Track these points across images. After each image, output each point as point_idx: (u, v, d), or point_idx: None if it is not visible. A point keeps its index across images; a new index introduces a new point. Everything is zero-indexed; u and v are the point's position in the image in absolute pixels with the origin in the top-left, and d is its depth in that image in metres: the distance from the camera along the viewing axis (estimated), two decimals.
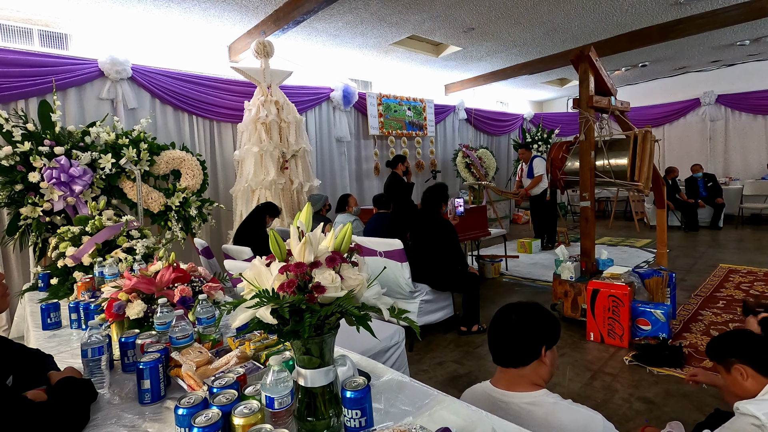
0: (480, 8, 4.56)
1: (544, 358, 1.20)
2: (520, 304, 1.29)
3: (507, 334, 1.23)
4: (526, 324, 1.22)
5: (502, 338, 1.24)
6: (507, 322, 1.24)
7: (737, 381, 1.40)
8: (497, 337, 1.25)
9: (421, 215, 3.58)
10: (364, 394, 0.92)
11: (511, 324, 1.23)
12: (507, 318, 1.25)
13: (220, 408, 0.91)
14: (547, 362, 1.20)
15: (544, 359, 1.20)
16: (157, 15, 4.16)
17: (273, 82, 4.80)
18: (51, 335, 1.81)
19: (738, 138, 8.37)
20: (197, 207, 4.21)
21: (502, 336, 1.24)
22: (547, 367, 1.21)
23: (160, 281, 1.59)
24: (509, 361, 1.22)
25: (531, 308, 1.26)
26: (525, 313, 1.24)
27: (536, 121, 10.05)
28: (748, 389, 1.37)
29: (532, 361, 1.19)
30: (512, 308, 1.28)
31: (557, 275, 3.55)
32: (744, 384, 1.38)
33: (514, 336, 1.22)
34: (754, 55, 7.48)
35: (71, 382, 1.13)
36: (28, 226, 3.43)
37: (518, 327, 1.22)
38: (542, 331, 1.21)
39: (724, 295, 3.92)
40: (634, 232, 7.36)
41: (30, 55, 3.87)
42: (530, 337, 1.20)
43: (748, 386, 1.37)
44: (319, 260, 0.91)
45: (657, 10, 4.90)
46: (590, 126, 3.45)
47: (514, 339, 1.21)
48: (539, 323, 1.22)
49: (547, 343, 1.20)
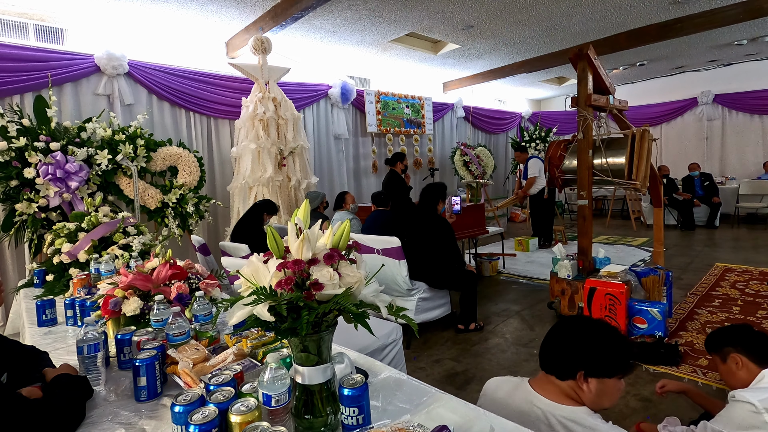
0: (479, 6, 4.55)
1: (582, 383, 1.08)
2: (590, 320, 1.21)
3: (550, 340, 1.18)
4: (569, 338, 1.15)
5: (546, 342, 1.19)
6: (561, 327, 1.19)
7: (731, 370, 1.47)
8: (546, 340, 1.20)
9: (418, 213, 3.58)
10: (362, 392, 0.92)
11: (559, 331, 1.18)
12: (561, 325, 1.20)
13: (217, 405, 0.90)
14: (586, 390, 1.08)
15: (581, 384, 1.09)
16: (154, 10, 4.13)
17: (271, 79, 4.78)
18: (46, 332, 1.80)
19: (735, 137, 8.40)
20: (194, 204, 4.19)
21: (547, 340, 1.19)
22: (589, 395, 1.08)
23: (156, 278, 1.59)
24: (546, 366, 1.16)
25: (590, 325, 1.16)
26: (579, 328, 1.16)
27: (534, 119, 10.05)
28: (741, 379, 1.43)
29: (566, 378, 1.11)
30: (579, 318, 1.22)
31: (554, 273, 3.56)
32: (738, 373, 1.44)
33: (554, 344, 1.17)
34: (752, 55, 7.50)
35: (67, 379, 1.12)
36: (23, 222, 3.41)
37: (561, 337, 1.16)
38: (584, 354, 1.10)
39: (719, 294, 3.94)
40: (631, 230, 7.39)
41: (25, 50, 3.84)
42: (567, 354, 1.12)
43: (741, 375, 1.43)
44: (317, 257, 0.91)
45: (656, 9, 4.90)
46: (588, 124, 3.46)
47: (553, 347, 1.17)
48: (586, 345, 1.11)
49: (588, 370, 1.08)
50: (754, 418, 1.23)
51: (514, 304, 4.02)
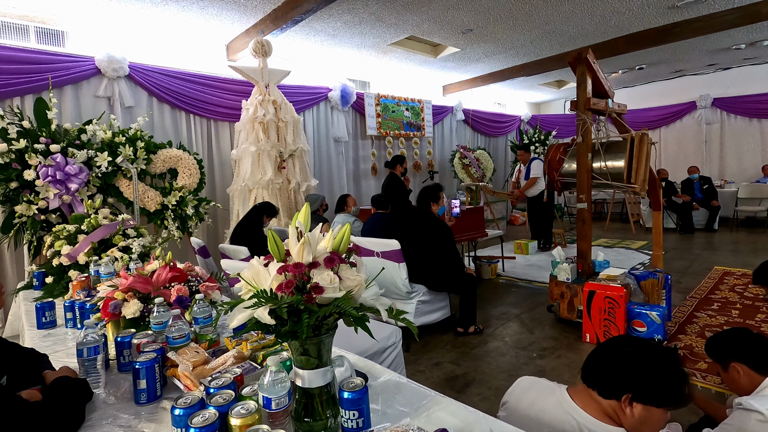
0: (478, 10, 4.57)
1: (626, 407, 1.03)
2: (650, 343, 1.14)
3: (601, 353, 1.14)
4: (623, 357, 1.08)
5: (595, 354, 1.15)
6: (612, 344, 1.15)
7: (734, 379, 1.47)
8: (594, 352, 1.16)
9: (416, 216, 3.59)
10: (362, 395, 0.92)
11: (613, 346, 1.14)
12: (618, 341, 1.16)
13: (217, 408, 0.90)
14: (629, 414, 1.03)
15: (625, 407, 1.03)
16: (154, 13, 4.14)
17: (271, 82, 4.79)
18: (46, 334, 1.80)
19: (733, 141, 8.43)
20: (194, 206, 4.19)
21: (597, 352, 1.15)
22: (631, 420, 1.03)
23: (156, 280, 1.59)
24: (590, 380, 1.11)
25: (649, 351, 1.09)
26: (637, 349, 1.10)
27: (534, 122, 10.07)
28: (743, 387, 1.43)
29: (609, 397, 1.06)
30: (631, 341, 1.15)
31: (554, 276, 3.57)
32: (740, 381, 1.44)
33: (604, 359, 1.12)
34: (750, 59, 7.53)
35: (66, 382, 1.12)
36: (23, 224, 3.41)
37: (614, 353, 1.11)
38: (635, 378, 1.04)
39: (718, 297, 3.95)
40: (630, 234, 7.39)
41: (26, 52, 3.84)
42: (615, 372, 1.07)
43: (743, 383, 1.43)
44: (318, 261, 0.91)
45: (654, 13, 4.92)
46: (587, 128, 3.47)
47: (602, 361, 1.11)
48: (638, 369, 1.05)
49: (636, 394, 1.02)
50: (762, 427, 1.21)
51: (513, 307, 4.02)
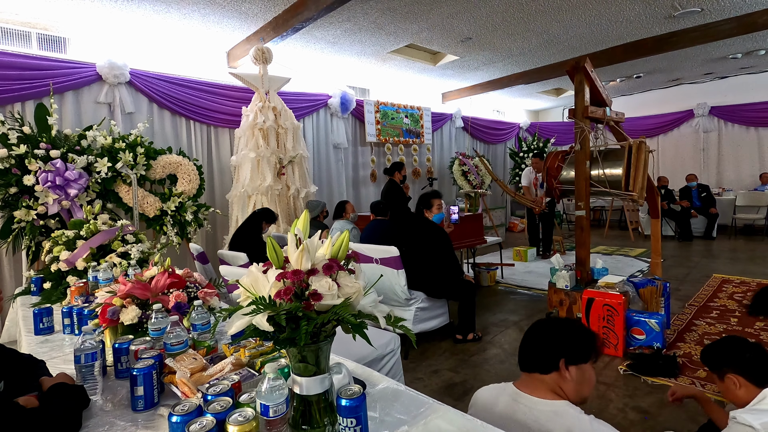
0: (477, 18, 4.62)
1: (565, 372, 1.18)
2: (557, 317, 1.31)
3: (530, 339, 1.29)
4: (548, 332, 1.26)
5: (525, 342, 1.30)
6: (535, 329, 1.30)
7: (730, 389, 1.45)
8: (523, 342, 1.31)
9: (414, 222, 3.59)
10: (360, 403, 0.92)
11: (536, 330, 1.29)
12: (537, 326, 1.31)
13: (215, 415, 0.90)
14: (568, 378, 1.18)
15: (564, 373, 1.18)
16: (156, 20, 4.17)
17: (271, 89, 4.82)
18: (43, 340, 1.79)
19: (731, 149, 8.47)
20: (193, 212, 4.19)
21: (526, 340, 1.30)
22: (571, 383, 1.18)
23: (155, 286, 1.59)
24: (529, 365, 1.24)
25: (562, 321, 1.31)
26: (553, 323, 1.29)
27: (532, 130, 10.12)
28: (740, 398, 1.41)
29: (550, 370, 1.19)
30: (547, 320, 1.33)
31: (552, 284, 3.56)
32: (737, 392, 1.43)
33: (534, 342, 1.27)
34: (746, 69, 7.60)
35: (63, 389, 1.12)
36: (21, 229, 3.40)
37: (541, 334, 1.27)
38: (564, 342, 1.21)
39: (717, 305, 3.95)
40: (628, 241, 7.41)
41: (28, 58, 3.87)
42: (549, 345, 1.23)
43: (740, 395, 1.41)
44: (316, 268, 0.91)
45: (652, 22, 4.97)
46: (585, 136, 3.49)
47: (533, 345, 1.27)
48: (563, 334, 1.23)
49: (568, 357, 1.19)
50: None
51: (512, 315, 4.02)
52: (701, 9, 4.60)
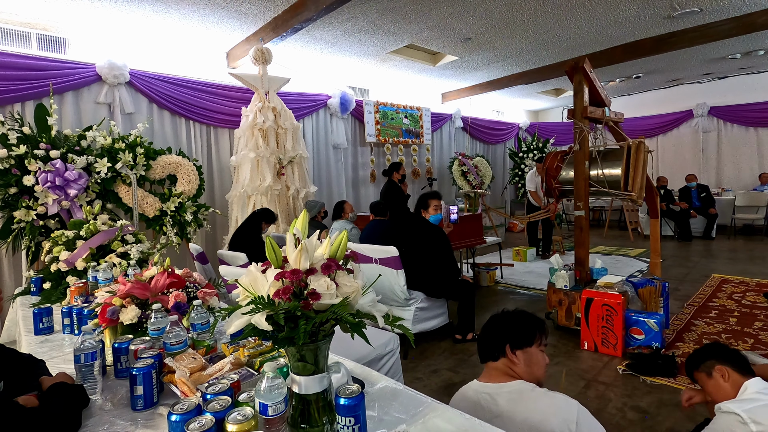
0: (477, 19, 4.62)
1: (512, 356, 1.31)
2: (507, 311, 1.45)
3: (482, 332, 1.44)
4: (492, 323, 1.41)
5: (480, 335, 1.45)
6: (487, 323, 1.44)
7: (719, 383, 1.47)
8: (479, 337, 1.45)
9: (413, 222, 3.60)
10: (358, 402, 0.93)
11: (488, 323, 1.44)
12: (490, 319, 1.45)
13: (214, 414, 0.90)
14: (516, 361, 1.30)
15: (512, 357, 1.31)
16: (155, 20, 4.18)
17: (271, 89, 4.82)
18: (43, 340, 1.79)
19: (730, 149, 8.48)
20: (193, 212, 4.20)
21: (480, 334, 1.45)
22: (520, 365, 1.30)
23: (154, 286, 1.59)
24: (482, 356, 1.39)
25: (509, 313, 1.43)
26: (498, 315, 1.43)
27: (532, 130, 10.13)
28: (727, 391, 1.44)
29: (499, 357, 1.33)
30: (498, 314, 1.45)
31: (552, 284, 3.57)
32: (725, 386, 1.45)
33: (485, 333, 1.42)
34: (746, 69, 7.61)
35: (63, 388, 1.12)
36: (21, 229, 3.41)
37: (487, 325, 1.42)
38: (505, 330, 1.36)
39: (716, 305, 3.95)
40: (628, 241, 7.41)
41: (28, 59, 3.87)
42: (491, 336, 1.38)
43: (728, 388, 1.44)
44: (315, 267, 0.92)
45: (651, 23, 4.98)
46: (584, 136, 3.49)
47: (484, 336, 1.42)
48: (504, 324, 1.38)
49: (512, 342, 1.32)
50: (740, 428, 1.24)
51: None
52: (700, 9, 4.61)
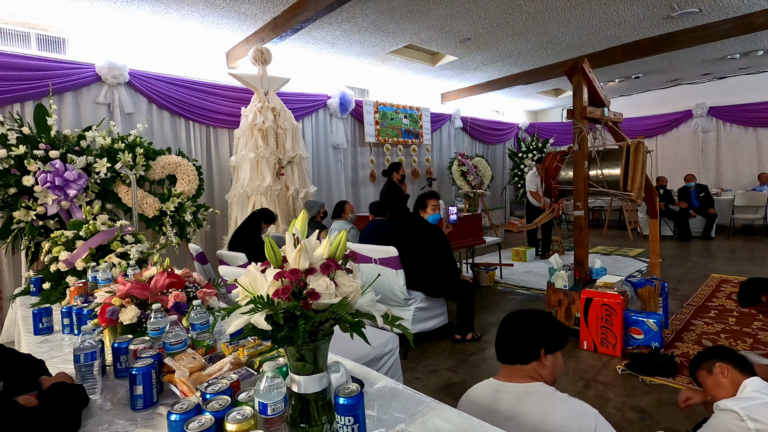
0: (476, 19, 4.63)
1: (544, 360, 1.29)
2: (529, 309, 1.41)
3: (510, 333, 1.36)
4: (528, 326, 1.34)
5: (505, 336, 1.36)
6: (512, 322, 1.38)
7: (718, 380, 1.49)
8: (502, 335, 1.37)
9: (412, 222, 3.60)
10: (357, 401, 0.93)
11: (515, 324, 1.37)
12: (513, 319, 1.39)
13: (213, 414, 0.91)
14: (547, 365, 1.29)
15: (543, 361, 1.28)
16: (155, 21, 4.18)
17: (270, 89, 4.82)
18: (42, 340, 1.80)
19: (729, 149, 8.49)
20: (192, 212, 4.20)
21: (506, 334, 1.37)
22: (548, 369, 1.29)
23: (154, 286, 1.59)
24: (510, 358, 1.32)
25: (537, 314, 1.38)
26: (530, 316, 1.37)
27: (531, 130, 10.14)
28: (727, 388, 1.45)
29: (531, 360, 1.29)
30: (520, 312, 1.41)
31: (551, 284, 3.57)
32: (724, 381, 1.47)
33: (514, 334, 1.34)
34: (745, 69, 7.61)
35: (63, 388, 1.12)
36: (20, 229, 3.41)
37: (521, 327, 1.35)
38: (543, 334, 1.31)
39: (715, 305, 3.96)
40: (627, 241, 7.42)
41: (27, 59, 3.87)
42: (530, 338, 1.31)
43: (727, 384, 1.46)
44: (314, 267, 0.92)
45: (650, 23, 4.99)
46: (584, 136, 3.50)
47: (514, 337, 1.34)
48: (541, 327, 1.33)
49: (547, 347, 1.30)
50: (737, 426, 1.26)
51: None
52: (699, 9, 4.61)
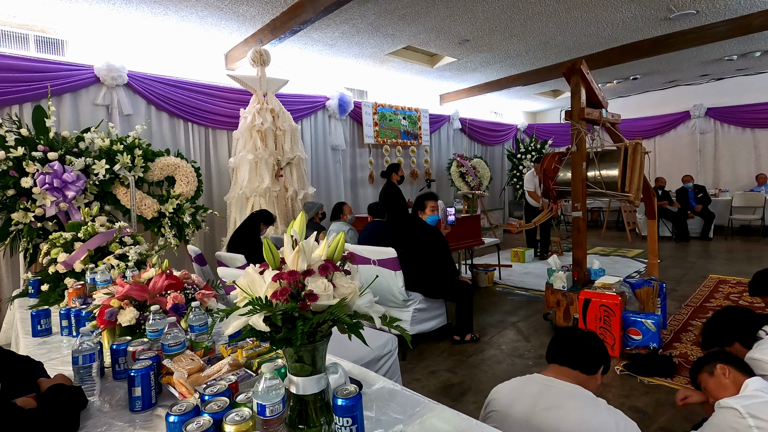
0: (474, 21, 4.64)
1: (599, 376, 1.44)
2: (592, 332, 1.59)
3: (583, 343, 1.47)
4: (599, 343, 1.49)
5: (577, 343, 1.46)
6: (585, 335, 1.51)
7: (720, 381, 1.51)
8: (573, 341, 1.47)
9: (411, 223, 3.61)
10: (355, 402, 0.93)
11: (588, 337, 1.50)
12: (585, 333, 1.54)
13: (212, 415, 0.91)
14: (599, 381, 1.44)
15: (598, 377, 1.43)
16: (154, 22, 4.18)
17: (269, 90, 4.83)
18: (41, 342, 1.80)
19: (727, 150, 8.51)
20: (191, 214, 4.20)
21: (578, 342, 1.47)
22: (597, 384, 1.43)
23: (152, 288, 1.59)
24: (572, 362, 1.41)
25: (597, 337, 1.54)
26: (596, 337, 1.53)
27: (530, 131, 10.16)
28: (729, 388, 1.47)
29: (591, 372, 1.41)
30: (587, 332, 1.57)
31: (550, 285, 3.58)
32: (726, 382, 1.48)
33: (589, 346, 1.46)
34: (742, 70, 7.64)
35: (61, 390, 1.12)
36: (19, 231, 3.40)
37: (594, 342, 1.48)
38: (605, 356, 1.47)
39: (713, 306, 3.96)
40: (626, 242, 7.43)
41: (26, 61, 3.87)
42: (598, 355, 1.45)
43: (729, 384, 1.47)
44: (312, 268, 0.92)
45: (648, 25, 5.00)
46: (582, 137, 3.51)
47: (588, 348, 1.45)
48: (604, 350, 1.48)
49: (605, 367, 1.46)
50: (738, 423, 1.27)
51: (510, 315, 4.03)
52: (697, 11, 4.63)
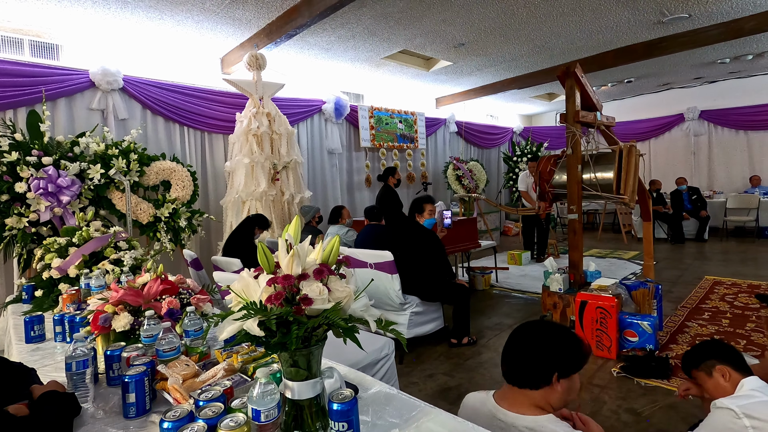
0: (470, 24, 4.66)
1: (556, 385, 1.12)
2: (544, 323, 1.24)
3: (519, 353, 1.18)
4: (540, 345, 1.16)
5: (513, 355, 1.19)
6: (522, 340, 1.20)
7: (719, 384, 1.48)
8: (509, 354, 1.20)
9: (407, 226, 3.61)
10: (351, 407, 0.93)
11: (525, 342, 1.19)
12: (524, 335, 1.21)
13: (206, 421, 0.90)
14: (558, 390, 1.12)
15: (555, 386, 1.12)
16: (149, 26, 4.18)
17: (265, 94, 4.83)
18: (34, 348, 1.78)
19: (721, 152, 8.58)
20: (187, 218, 4.18)
21: (514, 353, 1.19)
22: (558, 395, 1.12)
23: (147, 293, 1.58)
24: (517, 381, 1.16)
25: (552, 330, 1.20)
26: (543, 334, 1.19)
27: (525, 134, 10.20)
28: (728, 390, 1.45)
29: (541, 386, 1.13)
30: (533, 326, 1.23)
31: (546, 287, 3.59)
32: (726, 385, 1.46)
33: (524, 356, 1.17)
34: (735, 73, 7.71)
35: (54, 396, 1.11)
36: (13, 236, 3.38)
37: (531, 347, 1.17)
38: (557, 355, 1.14)
39: (709, 307, 3.98)
40: (621, 244, 7.46)
41: (20, 65, 3.86)
42: (542, 360, 1.14)
43: (729, 387, 1.45)
44: (307, 272, 0.92)
45: (642, 28, 5.05)
46: (577, 140, 3.53)
47: (524, 359, 1.16)
48: (556, 346, 1.15)
49: (561, 370, 1.12)
50: (733, 423, 1.27)
51: (507, 318, 4.03)
52: (689, 15, 4.68)
